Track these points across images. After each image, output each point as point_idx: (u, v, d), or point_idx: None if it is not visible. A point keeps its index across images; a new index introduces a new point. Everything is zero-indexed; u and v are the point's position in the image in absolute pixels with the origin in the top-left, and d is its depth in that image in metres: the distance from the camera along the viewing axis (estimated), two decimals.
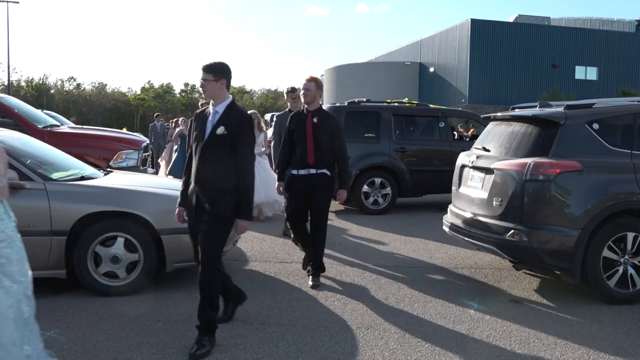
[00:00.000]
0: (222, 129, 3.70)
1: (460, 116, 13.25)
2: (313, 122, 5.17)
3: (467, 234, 5.26)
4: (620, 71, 37.28)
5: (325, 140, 5.15)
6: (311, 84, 5.16)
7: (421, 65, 41.58)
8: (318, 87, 5.18)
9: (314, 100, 5.20)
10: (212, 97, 3.78)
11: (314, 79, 5.19)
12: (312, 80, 5.17)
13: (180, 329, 4.09)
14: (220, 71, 3.76)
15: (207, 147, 3.73)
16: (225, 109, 3.77)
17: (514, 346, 3.84)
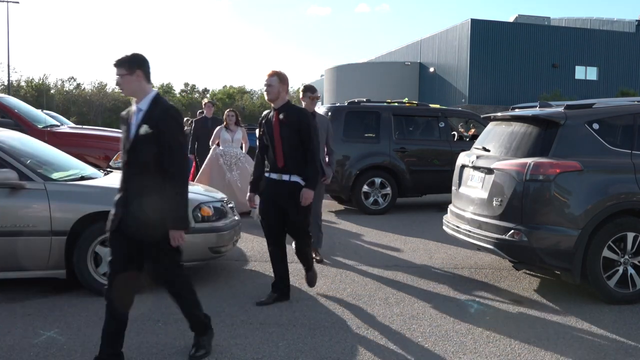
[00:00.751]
0: (145, 127, 3.27)
1: (460, 116, 13.25)
2: (279, 120, 4.66)
3: (467, 234, 5.26)
4: (620, 71, 37.28)
5: (294, 139, 4.60)
6: (273, 78, 4.59)
7: (421, 65, 41.57)
8: (282, 81, 4.61)
9: (278, 97, 4.63)
10: (132, 94, 3.34)
11: (277, 73, 4.62)
12: (275, 75, 4.60)
13: (180, 329, 4.09)
14: (133, 62, 3.30)
15: (133, 151, 3.32)
16: (149, 105, 3.33)
17: (514, 346, 3.84)
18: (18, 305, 4.55)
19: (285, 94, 4.72)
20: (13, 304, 4.59)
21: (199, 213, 5.04)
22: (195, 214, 5.01)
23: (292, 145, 4.61)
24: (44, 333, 3.94)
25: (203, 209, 5.08)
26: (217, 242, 5.12)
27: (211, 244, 5.07)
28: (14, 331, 3.99)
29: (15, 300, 4.67)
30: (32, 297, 4.75)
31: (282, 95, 4.68)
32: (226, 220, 5.29)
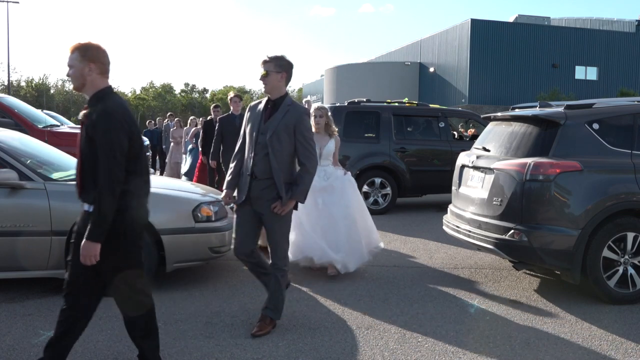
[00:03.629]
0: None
1: (460, 116, 13.26)
2: None
3: (467, 234, 5.26)
4: (620, 71, 37.27)
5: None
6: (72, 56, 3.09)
7: (421, 65, 41.57)
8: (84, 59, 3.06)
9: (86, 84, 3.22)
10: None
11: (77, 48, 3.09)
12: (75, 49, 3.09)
13: (180, 329, 4.09)
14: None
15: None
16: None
17: (514, 346, 3.84)
18: (18, 305, 4.55)
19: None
20: (13, 304, 4.59)
21: (199, 213, 5.04)
22: (196, 214, 5.01)
23: None
24: (44, 333, 3.94)
25: (203, 209, 5.08)
26: (217, 242, 5.12)
27: (211, 244, 5.07)
28: (14, 331, 3.99)
29: (15, 300, 4.67)
30: (32, 297, 4.75)
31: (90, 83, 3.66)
32: (226, 220, 5.29)
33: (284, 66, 3.90)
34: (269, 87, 3.93)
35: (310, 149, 3.95)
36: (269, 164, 3.87)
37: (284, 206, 3.88)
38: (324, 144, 5.76)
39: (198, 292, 4.98)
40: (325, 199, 5.61)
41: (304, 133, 3.92)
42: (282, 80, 3.91)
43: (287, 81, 3.97)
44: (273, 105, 3.96)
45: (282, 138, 3.87)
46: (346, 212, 5.56)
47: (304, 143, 3.93)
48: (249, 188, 3.94)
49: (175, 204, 5.07)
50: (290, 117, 3.89)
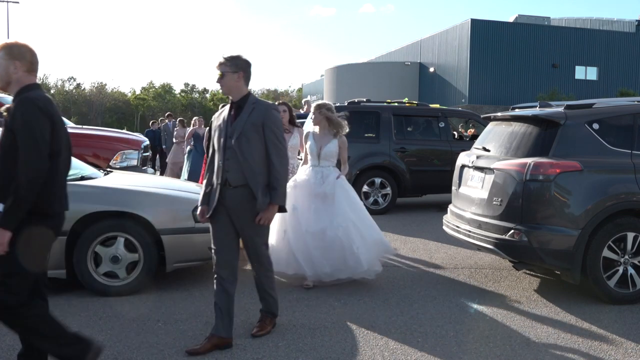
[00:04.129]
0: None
1: (460, 116, 13.26)
2: None
3: (467, 234, 5.26)
4: (620, 71, 37.27)
5: None
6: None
7: (421, 65, 41.57)
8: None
9: None
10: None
11: None
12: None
13: (180, 329, 4.09)
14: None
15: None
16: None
17: (514, 346, 3.84)
18: None
19: None
20: None
21: None
22: (196, 213, 5.00)
23: None
24: None
25: None
26: None
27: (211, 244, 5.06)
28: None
29: None
30: None
31: None
32: None
33: (240, 65, 3.69)
34: (226, 88, 3.72)
35: (280, 146, 3.70)
36: (241, 169, 3.64)
37: (266, 213, 3.66)
38: (324, 144, 5.36)
39: (198, 292, 4.98)
40: (318, 206, 5.14)
41: (272, 129, 3.67)
42: (239, 80, 3.69)
43: (246, 80, 3.74)
44: (237, 106, 3.74)
45: (251, 138, 3.64)
46: (336, 222, 5.03)
47: (273, 140, 3.68)
48: (223, 196, 3.70)
49: (175, 204, 5.07)
50: (257, 114, 3.67)
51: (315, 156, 5.34)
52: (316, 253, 4.98)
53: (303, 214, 5.08)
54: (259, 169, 3.67)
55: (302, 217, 5.06)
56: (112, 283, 4.80)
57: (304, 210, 5.10)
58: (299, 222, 5.06)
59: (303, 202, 5.15)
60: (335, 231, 4.99)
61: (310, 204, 5.13)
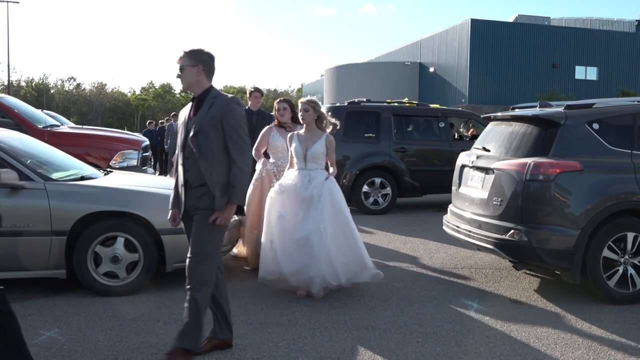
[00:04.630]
0: None
1: (460, 116, 13.26)
2: None
3: (467, 234, 5.26)
4: (620, 71, 37.27)
5: None
6: None
7: (421, 65, 41.57)
8: None
9: None
10: None
11: None
12: None
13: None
14: None
15: None
16: None
17: (514, 346, 3.84)
18: (18, 305, 4.55)
19: None
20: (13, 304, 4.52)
21: None
22: None
23: None
24: (44, 333, 3.94)
25: None
26: None
27: None
28: None
29: (15, 300, 4.67)
30: (32, 297, 4.75)
31: None
32: None
33: (200, 58, 3.49)
34: (185, 83, 3.49)
35: (242, 142, 3.43)
36: (199, 167, 3.42)
37: (223, 213, 3.40)
38: (310, 145, 4.92)
39: None
40: (306, 211, 4.75)
41: (231, 124, 3.41)
42: (200, 74, 3.47)
43: (208, 74, 3.51)
44: (197, 102, 3.51)
45: (210, 134, 3.40)
46: (322, 227, 4.65)
47: (233, 135, 3.41)
48: (187, 198, 3.53)
49: None
50: (216, 108, 3.42)
51: (302, 158, 4.93)
52: (302, 262, 4.63)
53: (290, 222, 4.75)
54: (218, 166, 3.43)
55: (288, 224, 4.74)
56: (112, 283, 4.80)
57: (290, 218, 4.76)
58: (285, 230, 4.73)
59: (290, 208, 4.80)
60: (320, 237, 4.61)
61: (297, 210, 4.77)
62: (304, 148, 4.92)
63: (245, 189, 3.58)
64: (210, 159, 3.41)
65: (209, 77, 3.53)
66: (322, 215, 4.67)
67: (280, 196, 4.86)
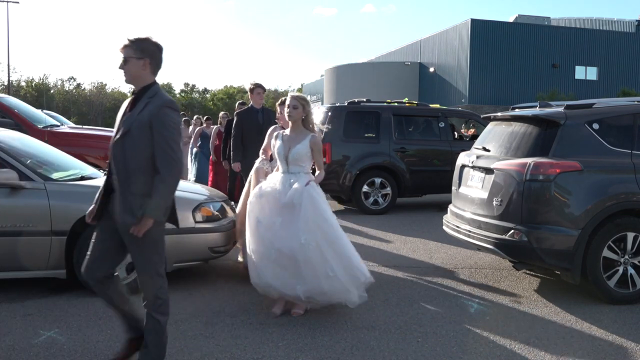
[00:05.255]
0: None
1: (460, 116, 13.27)
2: None
3: (467, 234, 5.26)
4: (620, 71, 37.28)
5: None
6: None
7: (421, 65, 41.57)
8: None
9: None
10: None
11: None
12: None
13: (180, 329, 4.09)
14: None
15: None
16: None
17: (514, 346, 3.84)
18: (18, 305, 4.55)
19: None
20: (13, 304, 4.58)
21: (199, 213, 5.03)
22: (196, 214, 5.01)
23: None
24: (44, 333, 3.94)
25: (203, 209, 5.07)
26: (217, 242, 5.12)
27: (211, 244, 5.07)
28: (14, 331, 3.99)
29: (15, 300, 4.67)
30: (32, 297, 4.75)
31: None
32: (226, 220, 5.29)
33: (147, 50, 3.15)
34: (129, 76, 3.17)
35: (170, 152, 3.09)
36: (122, 172, 3.15)
37: (138, 226, 3.09)
38: (294, 145, 4.47)
39: (198, 292, 4.98)
40: (286, 218, 4.31)
41: (161, 131, 3.07)
42: (145, 68, 3.15)
43: (153, 68, 3.20)
44: (135, 99, 3.20)
45: (138, 138, 3.09)
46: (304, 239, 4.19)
47: (161, 143, 3.08)
48: (107, 202, 3.27)
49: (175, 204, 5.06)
50: (147, 111, 3.10)
51: (283, 160, 4.49)
52: (284, 274, 4.26)
53: (268, 229, 4.34)
54: (141, 175, 3.12)
55: (266, 232, 4.34)
56: None
57: (269, 225, 4.35)
58: (262, 238, 4.35)
59: (269, 214, 4.39)
60: (304, 250, 4.18)
61: (276, 217, 4.35)
62: (286, 149, 4.49)
63: (167, 204, 3.19)
64: (134, 165, 3.11)
65: (155, 72, 3.22)
66: (303, 226, 4.21)
67: (259, 200, 4.47)
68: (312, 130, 4.57)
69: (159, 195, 3.10)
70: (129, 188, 3.13)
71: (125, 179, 3.13)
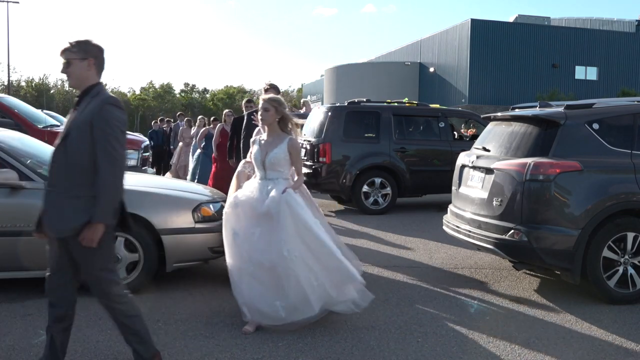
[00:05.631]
0: None
1: (460, 116, 13.27)
2: None
3: (467, 234, 5.26)
4: (620, 71, 37.28)
5: None
6: None
7: (421, 65, 41.57)
8: None
9: None
10: None
11: None
12: None
13: (180, 329, 4.09)
14: None
15: None
16: None
17: (514, 346, 3.84)
18: (18, 305, 4.55)
19: None
20: (13, 304, 4.59)
21: (199, 213, 5.04)
22: (196, 214, 5.01)
23: None
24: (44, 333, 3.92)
25: (203, 209, 5.08)
26: (217, 242, 5.11)
27: (211, 244, 5.07)
28: (14, 331, 3.99)
29: (15, 300, 4.67)
30: (32, 297, 4.75)
31: None
32: None
33: (91, 51, 3.08)
34: (73, 79, 3.09)
35: (112, 150, 2.95)
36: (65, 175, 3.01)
37: (86, 233, 2.94)
38: (270, 149, 4.22)
39: (198, 292, 4.98)
40: (264, 229, 4.04)
41: (103, 128, 2.94)
42: (90, 69, 3.07)
43: (98, 69, 3.11)
44: (79, 100, 3.11)
45: (79, 139, 2.98)
46: (286, 251, 3.93)
47: (102, 141, 2.94)
48: None
49: (175, 204, 5.07)
50: (89, 109, 2.99)
51: (260, 165, 4.24)
52: (262, 289, 4.03)
53: (246, 241, 4.10)
54: (85, 177, 2.98)
55: (244, 244, 4.10)
56: None
57: (247, 236, 4.10)
58: (239, 251, 4.13)
59: (245, 225, 4.13)
60: (286, 263, 3.93)
61: (253, 228, 4.09)
62: (263, 153, 4.23)
63: (108, 206, 2.99)
64: (75, 167, 2.99)
65: (99, 73, 3.13)
66: (284, 237, 3.95)
67: (235, 210, 4.20)
68: (291, 133, 4.31)
69: (103, 197, 2.96)
70: (72, 192, 2.98)
71: (69, 184, 2.99)
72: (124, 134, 3.07)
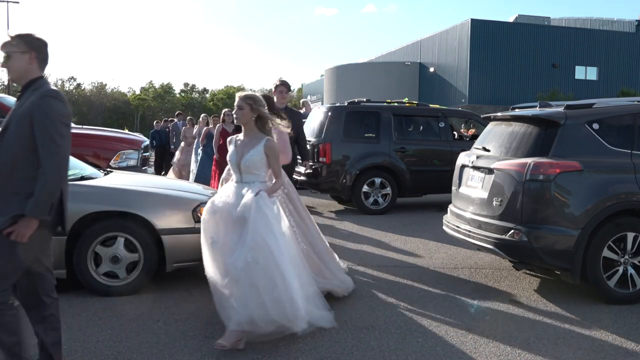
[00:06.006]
0: None
1: (460, 116, 13.27)
2: None
3: (467, 234, 5.26)
4: (620, 71, 37.26)
5: None
6: None
7: (421, 65, 41.57)
8: None
9: None
10: None
11: None
12: None
13: (180, 329, 4.09)
14: None
15: None
16: None
17: (514, 346, 3.84)
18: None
19: None
20: None
21: (199, 213, 5.03)
22: (196, 213, 5.01)
23: None
24: None
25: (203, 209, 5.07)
26: None
27: None
28: None
29: None
30: None
31: None
32: None
33: (32, 44, 2.99)
34: (14, 73, 3.01)
35: (52, 143, 2.84)
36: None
37: (17, 226, 2.79)
38: (246, 151, 4.00)
39: (198, 292, 4.98)
40: (240, 235, 3.79)
41: (42, 121, 2.84)
42: (32, 62, 2.99)
43: (40, 63, 3.04)
44: (20, 94, 3.03)
45: (17, 133, 2.88)
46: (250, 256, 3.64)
47: (42, 135, 2.84)
48: None
49: (175, 204, 5.07)
50: (29, 102, 2.91)
51: (236, 168, 4.04)
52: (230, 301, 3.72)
53: (223, 248, 3.85)
54: (23, 172, 2.87)
55: (221, 252, 3.85)
56: (112, 283, 4.80)
57: (225, 244, 3.85)
58: (216, 260, 3.88)
59: (224, 232, 3.89)
60: (249, 269, 3.64)
61: (231, 234, 3.84)
62: (238, 155, 4.03)
63: (44, 201, 2.84)
64: (9, 162, 2.88)
65: (42, 67, 3.06)
66: (251, 242, 3.69)
67: (213, 217, 3.95)
68: (269, 133, 4.08)
69: (42, 192, 2.82)
70: (10, 187, 2.86)
71: (5, 178, 2.87)
72: (68, 126, 2.98)
